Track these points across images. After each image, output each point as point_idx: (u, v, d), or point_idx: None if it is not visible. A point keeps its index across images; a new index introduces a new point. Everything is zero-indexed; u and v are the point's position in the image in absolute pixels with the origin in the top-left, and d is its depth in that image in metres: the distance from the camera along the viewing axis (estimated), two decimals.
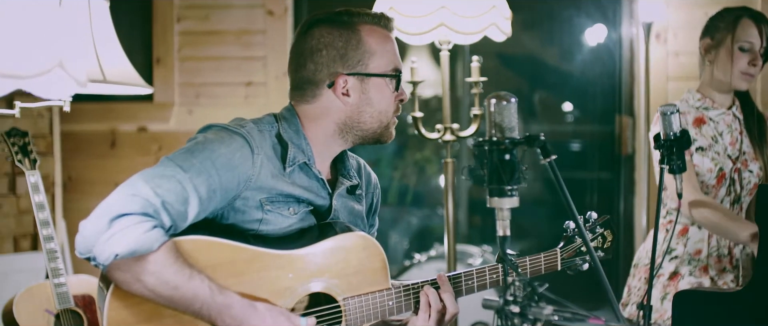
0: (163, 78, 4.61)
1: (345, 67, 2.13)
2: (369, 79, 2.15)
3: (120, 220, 1.86)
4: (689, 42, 4.48)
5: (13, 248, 4.18)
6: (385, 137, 2.22)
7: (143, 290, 1.89)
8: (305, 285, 2.07)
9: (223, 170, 1.99)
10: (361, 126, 2.18)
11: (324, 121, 2.18)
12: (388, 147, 5.58)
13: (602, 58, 5.09)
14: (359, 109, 2.16)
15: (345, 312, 2.10)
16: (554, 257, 2.33)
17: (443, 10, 2.98)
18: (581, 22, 5.17)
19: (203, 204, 1.98)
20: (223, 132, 2.07)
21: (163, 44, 4.61)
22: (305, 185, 2.15)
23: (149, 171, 1.95)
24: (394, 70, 2.18)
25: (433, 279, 2.18)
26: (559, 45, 5.39)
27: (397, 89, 2.20)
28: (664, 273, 3.05)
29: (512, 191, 1.83)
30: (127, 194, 1.89)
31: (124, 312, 1.92)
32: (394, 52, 2.21)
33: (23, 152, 3.29)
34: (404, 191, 5.60)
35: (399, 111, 2.24)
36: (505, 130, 1.83)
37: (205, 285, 1.92)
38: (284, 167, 2.11)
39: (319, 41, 2.14)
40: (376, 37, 2.17)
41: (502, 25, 3.09)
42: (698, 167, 3.04)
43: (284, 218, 2.11)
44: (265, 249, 2.03)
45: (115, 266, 1.87)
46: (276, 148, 2.13)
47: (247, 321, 1.95)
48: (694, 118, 3.10)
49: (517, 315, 1.74)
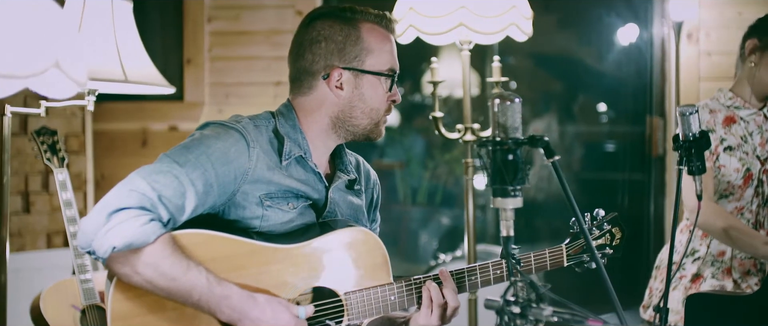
0: (194, 78, 4.67)
1: (341, 61, 2.17)
2: (363, 75, 2.18)
3: (117, 214, 1.90)
4: (722, 41, 4.42)
5: (46, 244, 4.27)
6: (375, 134, 2.25)
7: (142, 282, 1.93)
8: (306, 280, 2.09)
9: (219, 164, 2.03)
10: (352, 121, 2.21)
11: (318, 114, 2.21)
12: (418, 147, 5.58)
13: (634, 58, 5.04)
14: (351, 103, 2.19)
15: (347, 307, 2.12)
16: (560, 253, 2.32)
17: (463, 10, 2.98)
18: (614, 22, 5.13)
19: (200, 197, 2.01)
20: (219, 128, 2.11)
21: (193, 44, 4.67)
22: (302, 178, 2.19)
23: (147, 167, 2.00)
24: (390, 71, 2.21)
25: (436, 275, 2.19)
26: (592, 45, 5.35)
27: (390, 89, 2.22)
28: (687, 275, 3.02)
29: (515, 191, 1.83)
30: (125, 190, 1.94)
31: (127, 304, 1.96)
32: (392, 53, 2.23)
33: (52, 150, 3.35)
34: (434, 191, 5.60)
35: (390, 111, 2.27)
36: (508, 130, 1.83)
37: (202, 277, 1.95)
38: (281, 160, 2.14)
39: (320, 33, 2.18)
40: (375, 35, 2.20)
41: (522, 24, 3.08)
42: (725, 167, 3.00)
43: (284, 213, 2.13)
44: (265, 243, 2.06)
45: (114, 259, 1.91)
46: (273, 142, 2.16)
47: (246, 312, 1.97)
48: (724, 116, 3.06)
49: (517, 316, 1.74)
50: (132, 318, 1.97)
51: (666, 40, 4.68)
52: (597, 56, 5.29)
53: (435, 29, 3.04)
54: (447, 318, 2.17)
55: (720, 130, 3.03)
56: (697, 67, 4.47)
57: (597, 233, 2.37)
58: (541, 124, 5.67)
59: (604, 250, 2.39)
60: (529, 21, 3.14)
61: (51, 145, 3.38)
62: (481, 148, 1.84)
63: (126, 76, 2.77)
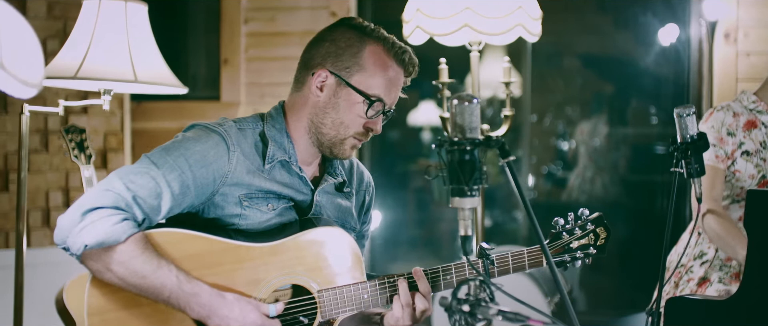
0: (230, 78, 4.78)
1: (333, 66, 2.19)
2: (345, 87, 2.18)
3: (91, 214, 1.98)
4: (761, 41, 4.31)
5: None
6: (337, 150, 2.24)
7: (114, 279, 2.01)
8: (279, 277, 2.14)
9: (197, 166, 2.09)
10: (320, 128, 2.21)
11: (302, 113, 2.23)
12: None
13: (673, 59, 4.96)
14: (325, 109, 2.20)
15: (320, 304, 2.16)
16: (538, 253, 2.31)
17: (467, 11, 2.99)
18: (655, 22, 5.06)
19: (176, 198, 2.08)
20: (201, 130, 2.17)
21: (230, 45, 4.78)
22: (286, 182, 2.23)
23: (126, 168, 2.08)
24: (374, 96, 2.19)
25: (409, 273, 2.21)
26: (636, 46, 5.29)
27: (367, 114, 2.20)
28: (694, 278, 2.97)
29: (472, 191, 1.85)
30: (101, 189, 2.02)
31: (102, 300, 2.04)
32: (387, 81, 2.20)
33: (79, 148, 3.48)
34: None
35: (365, 137, 2.24)
36: (466, 130, 1.85)
37: (172, 275, 2.01)
38: (264, 164, 2.19)
39: (331, 35, 2.23)
40: (377, 58, 2.20)
41: (529, 25, 3.07)
42: (740, 172, 2.94)
43: (262, 213, 2.18)
44: (239, 242, 2.12)
45: (88, 256, 2.00)
46: (258, 145, 2.21)
47: (215, 310, 2.03)
48: (746, 120, 3.00)
49: (467, 314, 1.76)
50: (107, 313, 2.05)
51: (703, 40, 4.58)
52: (640, 57, 5.23)
53: (441, 30, 3.06)
54: (417, 319, 2.19)
55: (740, 133, 2.97)
56: (735, 68, 4.37)
57: (579, 233, 2.35)
58: (587, 126, 5.62)
59: (588, 250, 2.36)
60: (537, 21, 3.13)
61: (79, 142, 3.50)
62: (439, 148, 1.87)
63: (136, 76, 2.87)
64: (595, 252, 2.37)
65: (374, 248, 5.25)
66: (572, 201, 5.67)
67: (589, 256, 2.36)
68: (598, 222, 2.38)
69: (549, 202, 5.78)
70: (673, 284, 3.03)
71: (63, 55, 2.91)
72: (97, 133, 4.38)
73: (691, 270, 2.99)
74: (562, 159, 5.80)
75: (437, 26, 3.05)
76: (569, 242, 2.34)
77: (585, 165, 5.65)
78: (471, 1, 3.00)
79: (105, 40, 2.88)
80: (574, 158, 5.73)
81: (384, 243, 5.38)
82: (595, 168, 5.62)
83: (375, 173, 2.53)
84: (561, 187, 5.77)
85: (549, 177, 5.81)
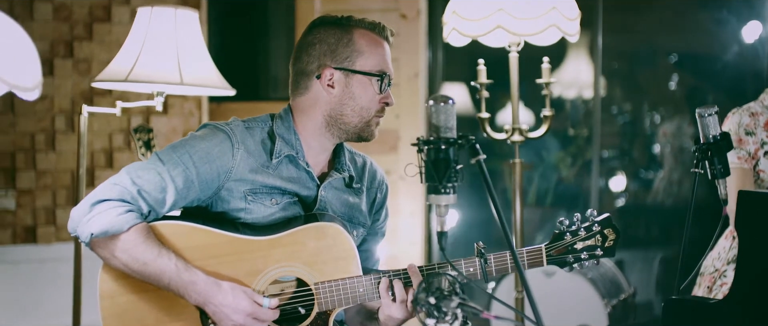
0: None
1: (333, 61, 2.32)
2: (354, 75, 2.32)
3: (99, 205, 2.17)
4: None
5: None
6: (366, 133, 2.38)
7: (119, 265, 2.19)
8: (277, 269, 2.26)
9: (201, 163, 2.25)
10: (343, 119, 2.34)
11: (313, 113, 2.36)
12: (532, 147, 5.59)
13: (753, 58, 4.82)
14: (342, 102, 2.33)
15: (317, 296, 2.26)
16: (539, 254, 2.33)
17: (500, 12, 3.02)
18: (737, 21, 4.92)
19: (180, 193, 2.24)
20: (209, 129, 2.33)
21: None
22: (292, 177, 2.35)
23: (135, 164, 2.26)
24: (380, 72, 2.33)
25: (404, 269, 2.28)
26: (716, 43, 5.16)
27: (381, 91, 2.34)
28: (727, 282, 2.91)
29: (447, 188, 1.91)
30: (110, 183, 2.20)
31: (113, 284, 2.22)
32: (383, 56, 2.36)
33: (147, 146, 3.71)
34: (545, 190, 5.59)
35: (383, 113, 2.38)
36: (441, 130, 1.92)
37: (172, 263, 2.17)
38: (270, 159, 2.32)
39: (315, 37, 2.35)
40: (367, 39, 2.35)
41: (564, 26, 3.07)
42: (764, 172, 2.87)
43: (265, 208, 2.31)
44: (240, 235, 2.25)
45: (96, 244, 2.19)
46: (266, 142, 2.35)
47: (211, 297, 2.18)
48: (766, 119, 2.93)
49: (433, 307, 1.82)
50: (118, 297, 2.23)
51: None
52: (721, 55, 5.10)
53: (475, 32, 3.10)
54: (410, 314, 2.26)
55: (761, 133, 2.90)
56: None
57: (583, 234, 2.35)
58: (669, 127, 5.51)
59: (594, 252, 2.34)
60: (573, 22, 3.12)
61: (146, 141, 3.73)
62: (417, 147, 1.94)
63: (182, 78, 3.05)
64: (601, 253, 2.35)
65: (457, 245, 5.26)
66: (657, 204, 5.56)
67: (594, 258, 2.35)
68: (605, 223, 2.35)
69: (636, 204, 5.69)
70: (706, 288, 2.97)
71: (117, 59, 3.12)
72: (176, 132, 4.63)
73: (724, 274, 2.93)
74: (650, 160, 5.70)
75: (472, 28, 3.09)
76: (573, 243, 2.34)
77: (671, 166, 5.53)
78: (504, 3, 3.02)
79: (155, 45, 3.08)
80: (660, 160, 5.62)
81: (463, 240, 5.40)
82: (683, 170, 5.49)
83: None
84: (647, 189, 5.68)
85: (636, 180, 5.72)
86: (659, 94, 5.63)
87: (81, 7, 4.50)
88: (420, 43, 4.81)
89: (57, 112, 4.46)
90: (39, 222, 4.44)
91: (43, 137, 4.43)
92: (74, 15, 4.50)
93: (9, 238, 4.44)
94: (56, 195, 4.45)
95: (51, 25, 4.46)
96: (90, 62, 4.48)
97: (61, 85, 4.45)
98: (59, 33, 4.46)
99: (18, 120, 4.41)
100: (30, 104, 4.37)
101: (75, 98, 4.45)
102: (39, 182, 4.43)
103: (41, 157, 4.42)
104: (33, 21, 4.43)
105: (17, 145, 4.42)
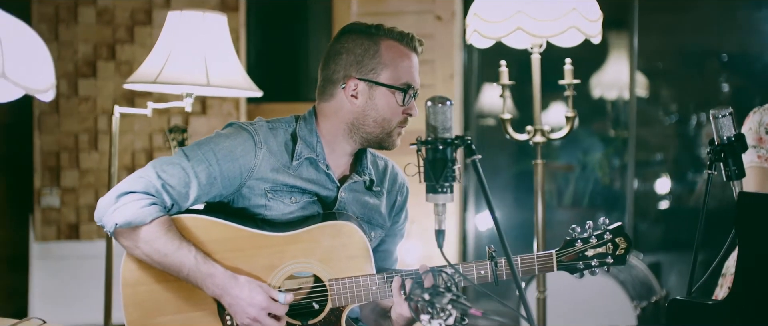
0: None
1: (358, 72, 2.37)
2: (377, 87, 2.36)
3: (124, 197, 2.28)
4: None
5: None
6: (387, 143, 2.42)
7: (141, 255, 2.29)
8: (293, 264, 2.33)
9: (224, 160, 2.33)
10: (365, 128, 2.40)
11: (335, 119, 2.42)
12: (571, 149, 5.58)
13: None
14: (365, 112, 2.38)
15: (331, 292, 2.33)
16: (549, 259, 2.35)
17: (520, 14, 3.05)
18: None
19: (203, 188, 2.33)
20: (234, 128, 2.41)
21: None
22: (312, 178, 2.41)
23: (161, 158, 2.35)
24: (404, 85, 2.37)
25: (416, 270, 2.32)
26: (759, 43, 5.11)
27: (404, 103, 2.38)
28: None
29: (444, 188, 1.96)
30: (136, 176, 2.31)
31: (136, 274, 2.33)
32: (409, 69, 2.39)
33: (181, 146, 3.80)
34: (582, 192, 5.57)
35: (405, 123, 2.42)
36: (438, 130, 1.96)
37: (191, 255, 2.27)
38: (291, 160, 2.38)
39: (343, 46, 2.40)
40: (393, 52, 2.38)
41: (584, 27, 3.08)
42: None
43: (285, 206, 2.38)
44: (259, 230, 2.33)
45: (120, 233, 2.29)
46: (288, 143, 2.42)
47: (227, 290, 2.27)
48: None
49: (427, 303, 1.87)
50: (139, 286, 2.33)
51: None
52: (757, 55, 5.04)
53: (496, 33, 3.12)
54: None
55: None
56: None
57: (594, 241, 2.36)
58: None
59: (605, 259, 2.35)
60: (594, 23, 3.13)
61: (180, 141, 3.84)
62: (416, 147, 1.99)
63: (208, 80, 3.14)
64: (612, 261, 2.36)
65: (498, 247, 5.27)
66: (700, 206, 5.49)
67: (605, 265, 2.35)
68: (617, 232, 2.36)
69: (678, 206, 5.63)
70: (727, 289, 2.95)
71: (147, 62, 3.23)
72: None
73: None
74: (694, 162, 5.64)
75: (492, 29, 3.12)
76: (584, 250, 2.35)
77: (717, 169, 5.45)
78: (523, 4, 3.04)
79: (183, 48, 3.17)
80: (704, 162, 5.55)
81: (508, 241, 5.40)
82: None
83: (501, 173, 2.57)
84: (690, 191, 5.61)
85: (681, 182, 5.66)
86: (704, 94, 5.56)
87: (123, 10, 4.65)
88: (455, 44, 4.84)
89: (99, 112, 4.62)
90: (82, 219, 4.60)
91: (86, 137, 4.59)
92: (116, 19, 4.65)
93: (54, 234, 4.62)
94: (98, 194, 4.60)
95: (94, 28, 4.62)
96: (131, 64, 4.63)
97: (103, 86, 4.61)
98: (102, 36, 4.62)
99: (62, 120, 4.58)
100: (74, 105, 4.54)
101: (117, 99, 4.60)
102: (82, 181, 4.59)
103: (84, 157, 4.58)
104: (77, 24, 4.60)
105: (62, 144, 4.59)
